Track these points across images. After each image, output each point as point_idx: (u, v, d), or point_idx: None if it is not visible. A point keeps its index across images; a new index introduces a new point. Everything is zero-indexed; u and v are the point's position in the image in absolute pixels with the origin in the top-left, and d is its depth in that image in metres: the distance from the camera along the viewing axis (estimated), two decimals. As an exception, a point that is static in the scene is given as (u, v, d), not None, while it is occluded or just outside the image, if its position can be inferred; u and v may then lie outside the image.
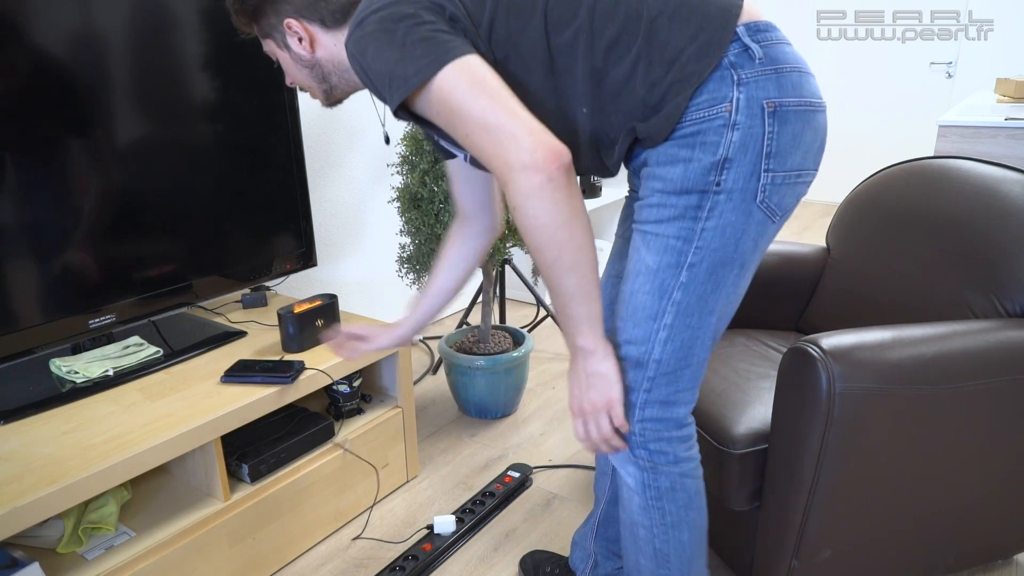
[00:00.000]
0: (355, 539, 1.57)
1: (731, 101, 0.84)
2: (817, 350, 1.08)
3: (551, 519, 1.64)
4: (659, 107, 0.87)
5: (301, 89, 1.10)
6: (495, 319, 2.43)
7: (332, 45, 1.00)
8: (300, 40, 0.99)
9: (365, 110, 2.35)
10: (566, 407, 2.16)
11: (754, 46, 0.85)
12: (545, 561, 1.46)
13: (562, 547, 1.52)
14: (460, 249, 1.24)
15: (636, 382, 0.96)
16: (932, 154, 1.73)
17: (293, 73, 1.06)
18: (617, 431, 0.97)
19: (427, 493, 1.74)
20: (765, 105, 0.85)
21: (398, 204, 1.89)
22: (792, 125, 0.86)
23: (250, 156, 1.64)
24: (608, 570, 1.31)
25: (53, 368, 1.39)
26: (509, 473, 1.79)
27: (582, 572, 1.35)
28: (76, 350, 1.46)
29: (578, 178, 0.88)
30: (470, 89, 0.81)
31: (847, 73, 4.79)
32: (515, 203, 0.83)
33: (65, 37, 1.27)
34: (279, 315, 1.52)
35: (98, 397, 1.34)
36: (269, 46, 1.04)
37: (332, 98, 1.08)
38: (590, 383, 0.93)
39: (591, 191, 3.23)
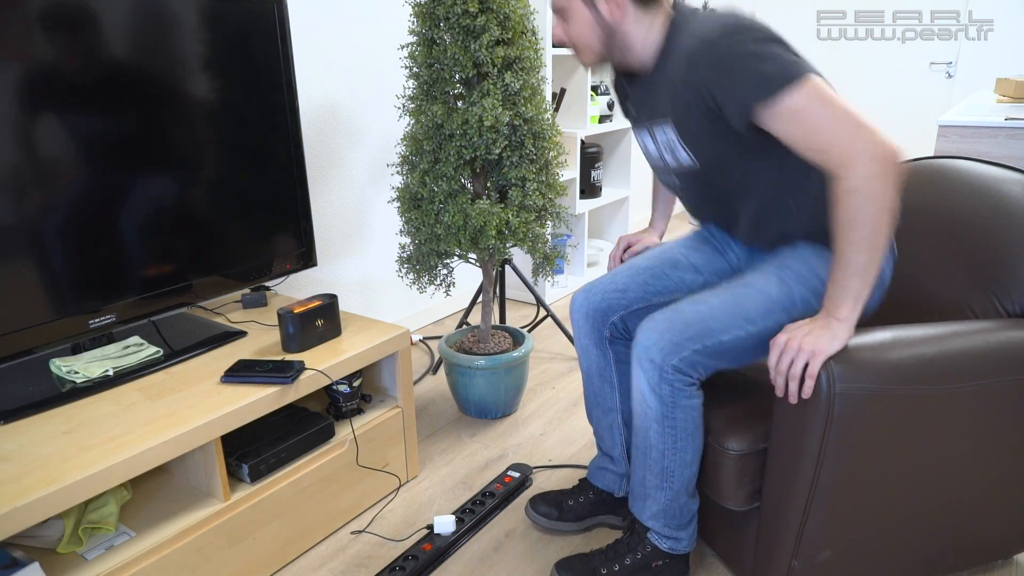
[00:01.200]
0: (354, 533, 1.57)
1: None
2: (817, 350, 1.07)
3: (551, 519, 1.64)
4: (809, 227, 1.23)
5: (568, 46, 1.25)
6: (495, 319, 2.43)
7: (634, 22, 1.16)
8: (609, 3, 1.14)
9: (365, 110, 2.35)
10: (566, 407, 2.16)
11: None
12: (560, 497, 1.58)
13: (562, 547, 1.53)
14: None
15: (701, 337, 1.16)
16: (932, 154, 1.72)
17: (580, 30, 1.19)
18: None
19: (427, 493, 1.74)
20: None
21: (398, 204, 1.89)
22: None
23: (250, 156, 1.64)
24: None
25: (53, 368, 1.39)
26: (509, 473, 1.79)
27: (619, 488, 1.54)
28: (76, 350, 1.46)
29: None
30: (830, 92, 1.02)
31: (847, 73, 4.79)
32: (855, 184, 1.00)
33: (64, 36, 1.27)
34: (279, 315, 1.52)
35: (98, 397, 1.34)
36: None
37: (597, 62, 1.24)
38: (817, 333, 1.06)
39: (591, 191, 3.23)
